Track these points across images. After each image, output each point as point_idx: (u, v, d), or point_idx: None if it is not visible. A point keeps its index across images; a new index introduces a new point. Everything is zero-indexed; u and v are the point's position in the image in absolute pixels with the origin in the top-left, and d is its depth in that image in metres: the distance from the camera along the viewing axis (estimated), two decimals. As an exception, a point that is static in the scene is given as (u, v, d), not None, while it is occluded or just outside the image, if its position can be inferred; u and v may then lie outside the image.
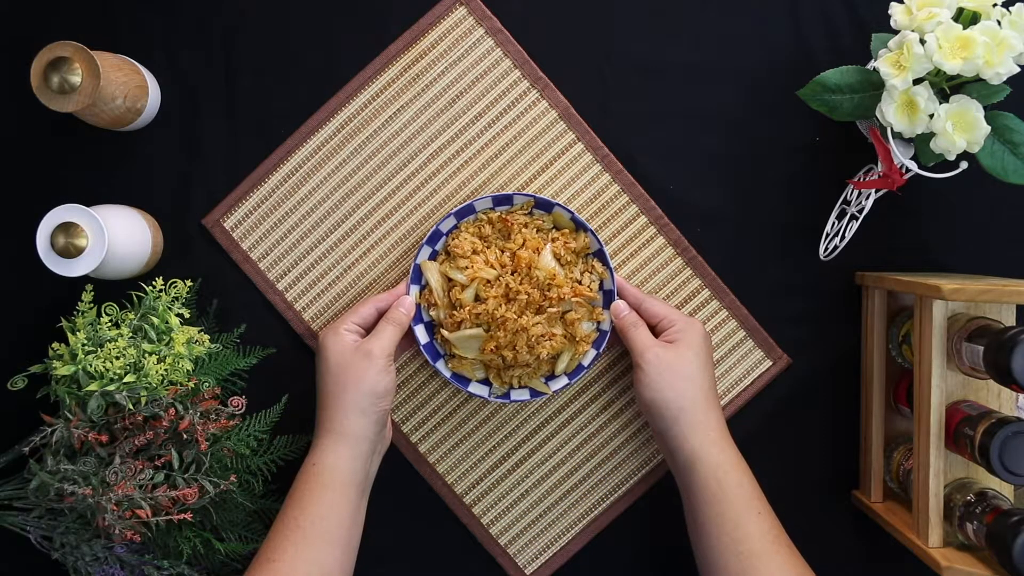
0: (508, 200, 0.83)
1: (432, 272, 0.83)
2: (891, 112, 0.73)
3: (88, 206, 0.76)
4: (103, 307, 0.80)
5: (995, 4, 0.71)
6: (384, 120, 0.87)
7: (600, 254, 0.83)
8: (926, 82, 0.72)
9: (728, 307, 0.87)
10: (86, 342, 0.77)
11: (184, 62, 0.86)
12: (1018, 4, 0.71)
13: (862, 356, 0.86)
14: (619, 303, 0.82)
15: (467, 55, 0.86)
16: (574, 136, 0.86)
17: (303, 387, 0.86)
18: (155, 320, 0.79)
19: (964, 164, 0.75)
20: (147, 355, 0.77)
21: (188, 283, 0.82)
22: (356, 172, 0.87)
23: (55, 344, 0.79)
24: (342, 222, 0.87)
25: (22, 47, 0.79)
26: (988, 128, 0.71)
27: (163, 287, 0.81)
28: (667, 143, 0.87)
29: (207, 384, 0.81)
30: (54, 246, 0.75)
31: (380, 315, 0.82)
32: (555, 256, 0.81)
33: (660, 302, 0.83)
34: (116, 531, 0.74)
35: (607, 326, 0.83)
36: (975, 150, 0.72)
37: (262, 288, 0.87)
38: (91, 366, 0.76)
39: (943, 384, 0.73)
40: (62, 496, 0.76)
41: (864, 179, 0.83)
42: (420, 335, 0.83)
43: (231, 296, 0.87)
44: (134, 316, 0.79)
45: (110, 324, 0.78)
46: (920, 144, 0.75)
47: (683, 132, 0.87)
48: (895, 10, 0.74)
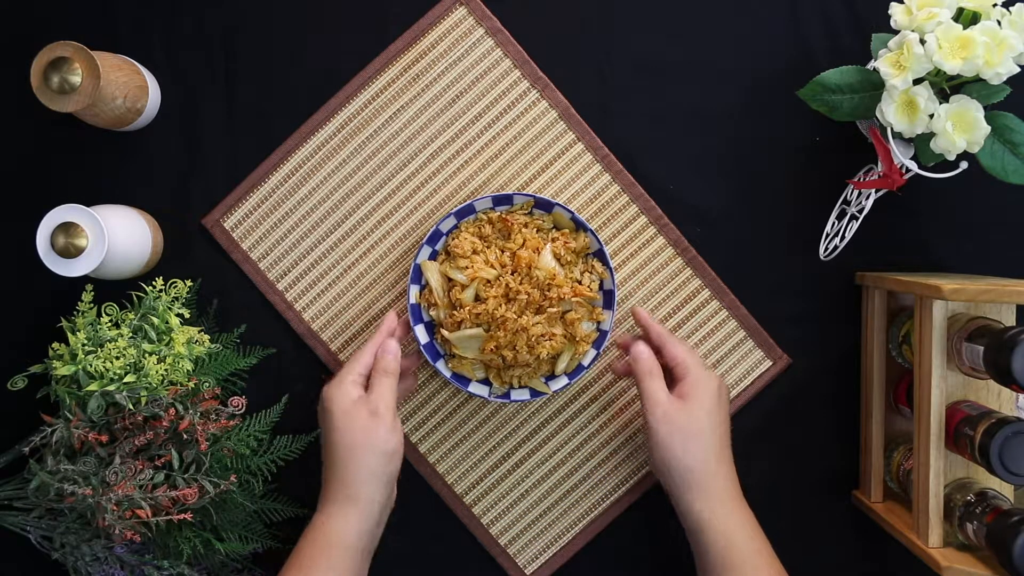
0: (508, 200, 0.83)
1: (432, 272, 0.83)
2: (891, 112, 0.73)
3: (88, 206, 0.76)
4: (103, 307, 0.80)
5: (995, 4, 0.71)
6: (384, 120, 0.87)
7: (600, 254, 0.83)
8: (926, 82, 0.72)
9: (728, 307, 0.87)
10: (86, 342, 0.77)
11: (184, 62, 0.86)
12: (1018, 4, 0.71)
13: (862, 356, 0.86)
14: (641, 347, 0.79)
15: (467, 55, 0.86)
16: (574, 136, 0.86)
17: (303, 387, 0.87)
18: (155, 320, 0.79)
19: (964, 164, 0.75)
20: (147, 355, 0.77)
21: (188, 283, 0.82)
22: (356, 172, 0.87)
23: (55, 344, 0.79)
24: (342, 222, 0.87)
25: (22, 47, 0.79)
26: (988, 128, 0.71)
27: (163, 287, 0.81)
28: (667, 143, 0.87)
29: (207, 384, 0.81)
30: (54, 246, 0.75)
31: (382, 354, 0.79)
32: (555, 256, 0.81)
33: (682, 345, 0.79)
34: (116, 531, 0.74)
35: (607, 326, 0.83)
36: (975, 150, 0.72)
37: (262, 288, 0.87)
38: (91, 366, 0.76)
39: (943, 384, 0.73)
40: (62, 496, 0.76)
41: (864, 179, 0.83)
42: (420, 335, 0.83)
43: (231, 296, 0.87)
44: (134, 316, 0.79)
45: (110, 324, 0.78)
46: (920, 144, 0.75)
47: (683, 132, 0.87)
48: (895, 10, 0.74)
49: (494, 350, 0.80)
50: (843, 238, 0.83)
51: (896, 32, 0.73)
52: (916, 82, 0.71)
